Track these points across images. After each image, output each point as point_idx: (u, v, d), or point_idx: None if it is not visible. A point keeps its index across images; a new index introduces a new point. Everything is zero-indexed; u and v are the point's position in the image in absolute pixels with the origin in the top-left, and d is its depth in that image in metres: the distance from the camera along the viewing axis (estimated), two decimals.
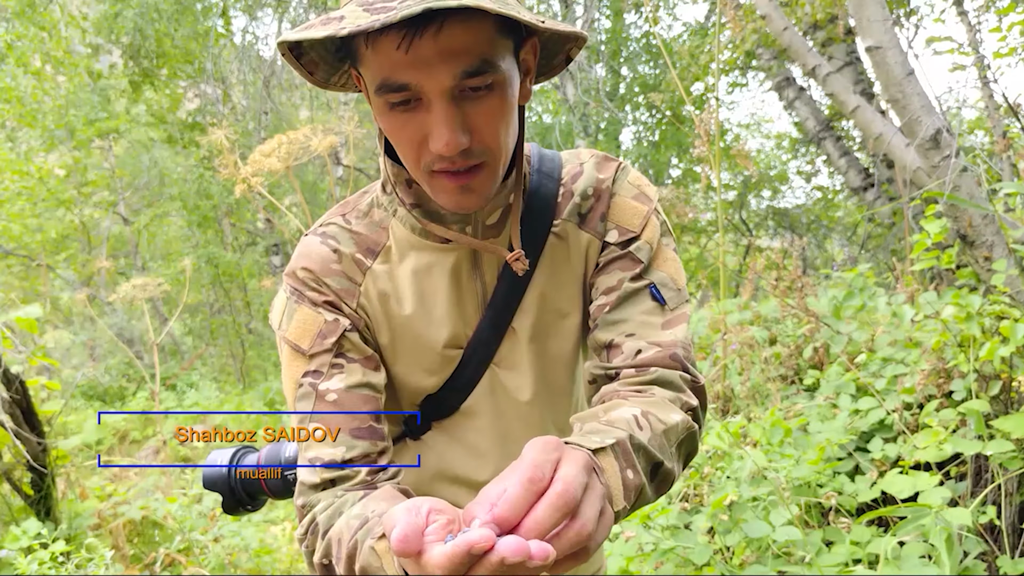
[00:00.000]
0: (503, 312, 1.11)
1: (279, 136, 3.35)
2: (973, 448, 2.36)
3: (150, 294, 4.22)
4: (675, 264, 1.13)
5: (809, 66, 3.02)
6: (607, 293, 1.10)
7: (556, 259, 1.12)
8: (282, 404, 8.78)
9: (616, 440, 0.84)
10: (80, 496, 3.64)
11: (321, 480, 1.01)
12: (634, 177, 1.15)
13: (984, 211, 2.42)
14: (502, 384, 1.14)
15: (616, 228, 1.11)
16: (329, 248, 1.09)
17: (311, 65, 0.98)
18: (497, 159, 0.96)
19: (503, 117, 0.94)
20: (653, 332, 1.07)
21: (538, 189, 1.12)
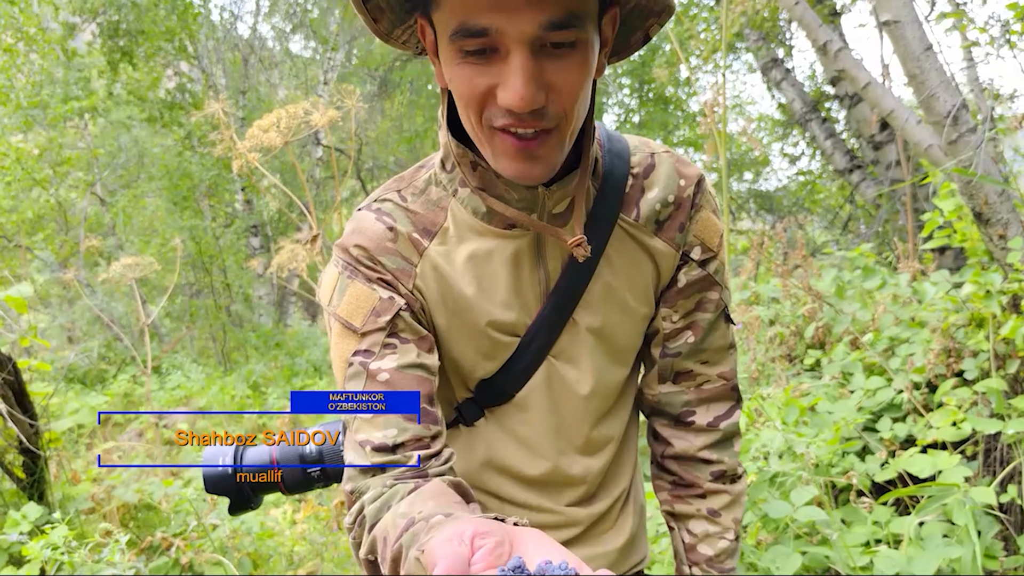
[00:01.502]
0: (565, 302, 1.05)
1: (277, 111, 3.26)
2: (992, 427, 2.34)
3: (140, 273, 4.12)
4: (727, 274, 1.16)
5: (820, 41, 2.98)
6: (686, 316, 1.12)
7: (625, 256, 1.07)
8: (265, 387, 8.70)
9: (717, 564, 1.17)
10: (72, 479, 3.56)
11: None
12: (712, 189, 1.10)
13: (1004, 187, 2.39)
14: (560, 376, 1.09)
15: (700, 245, 1.09)
16: (384, 225, 1.03)
17: (376, 11, 0.91)
18: (567, 127, 0.89)
19: (582, 79, 0.87)
20: (722, 357, 1.16)
21: (611, 172, 1.05)
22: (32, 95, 9.50)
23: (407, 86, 12.96)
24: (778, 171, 16.37)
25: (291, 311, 14.12)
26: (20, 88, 9.64)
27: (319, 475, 1.23)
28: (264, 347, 10.58)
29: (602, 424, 1.16)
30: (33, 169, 9.92)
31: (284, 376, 8.78)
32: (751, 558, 2.29)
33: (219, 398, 7.47)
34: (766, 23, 6.63)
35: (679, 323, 1.12)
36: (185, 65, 12.11)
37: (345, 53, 14.23)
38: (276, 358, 9.83)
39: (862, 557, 2.14)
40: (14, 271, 9.32)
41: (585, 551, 1.17)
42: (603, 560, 1.19)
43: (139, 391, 8.06)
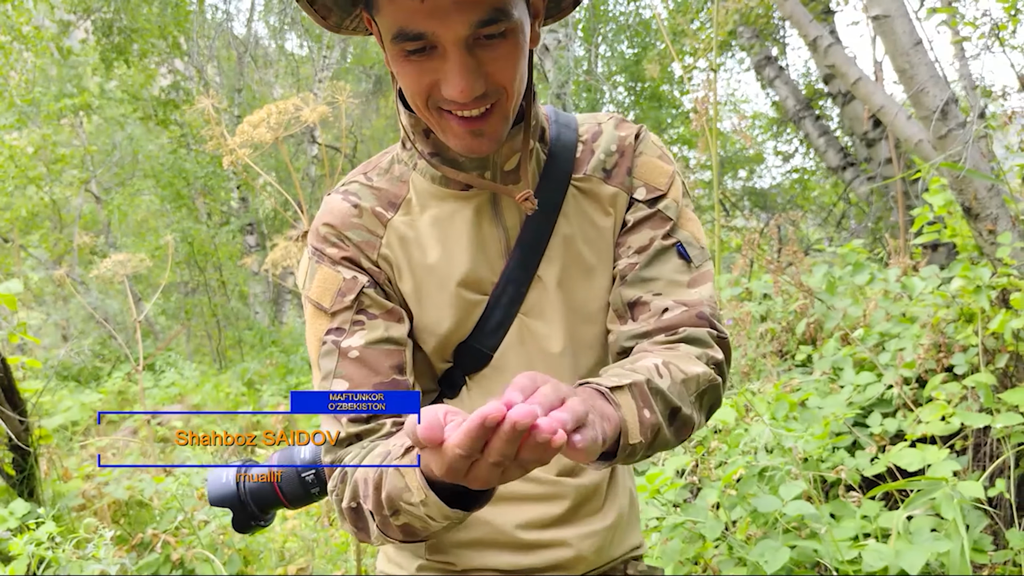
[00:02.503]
0: (528, 257, 1.11)
1: (267, 106, 3.25)
2: (981, 421, 2.35)
3: (131, 270, 4.10)
4: (697, 223, 1.15)
5: (811, 37, 2.98)
6: (639, 252, 1.11)
7: (581, 210, 1.13)
8: (260, 384, 8.69)
9: (633, 381, 0.90)
10: (63, 476, 3.55)
11: (347, 435, 1.04)
12: (655, 139, 1.17)
13: (993, 181, 2.39)
14: (532, 333, 1.12)
15: (644, 186, 1.14)
16: (350, 204, 1.12)
17: (324, 10, 0.99)
18: (508, 101, 0.98)
19: (515, 62, 0.96)
20: (680, 290, 1.09)
21: (558, 137, 1.14)
22: (25, 93, 9.47)
23: None
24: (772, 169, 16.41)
25: (286, 308, 14.11)
26: (14, 86, 9.62)
27: (313, 479, 1.23)
28: (259, 344, 10.57)
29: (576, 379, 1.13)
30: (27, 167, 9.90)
31: (279, 373, 8.77)
32: (740, 552, 2.30)
33: (213, 396, 7.46)
34: (760, 20, 6.63)
35: (632, 258, 1.12)
36: (180, 63, 12.09)
37: (340, 51, 14.21)
38: (271, 355, 9.82)
39: (850, 551, 2.14)
40: (8, 269, 9.31)
41: (574, 529, 1.16)
42: (594, 539, 1.17)
43: (133, 389, 8.05)
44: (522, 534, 1.15)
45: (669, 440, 0.97)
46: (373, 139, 15.62)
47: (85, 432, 6.37)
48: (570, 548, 1.16)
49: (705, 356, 1.05)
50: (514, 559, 1.16)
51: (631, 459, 0.93)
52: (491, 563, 1.16)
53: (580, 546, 1.16)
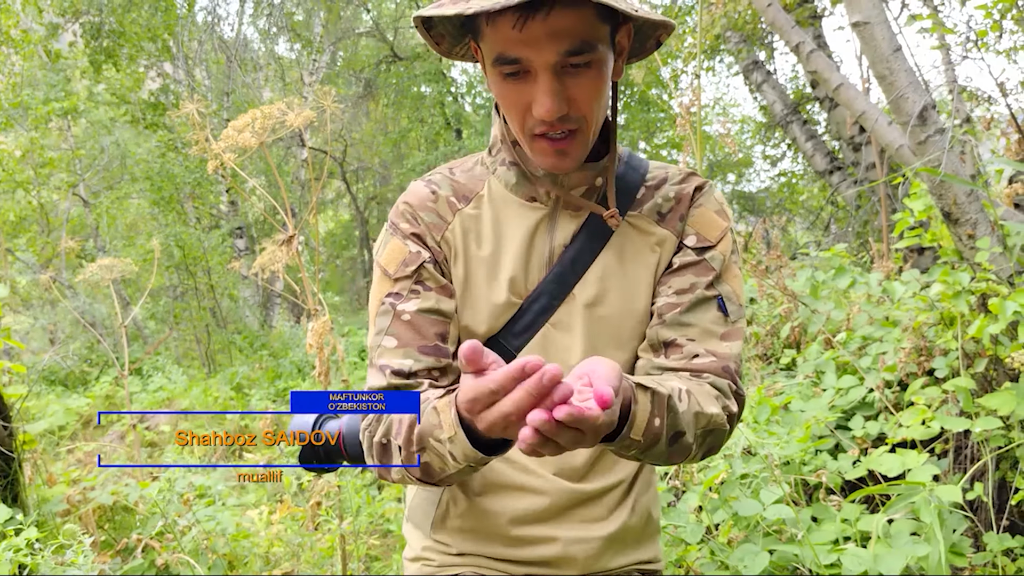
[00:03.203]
0: (566, 274, 1.20)
1: (252, 111, 3.24)
2: (960, 425, 2.37)
3: (117, 275, 4.10)
4: (740, 282, 1.24)
5: (793, 43, 3.00)
6: (679, 294, 1.20)
7: (627, 244, 1.22)
8: (248, 389, 8.67)
9: (657, 390, 0.98)
10: (48, 482, 3.54)
11: (388, 384, 1.17)
12: (719, 196, 1.26)
13: (971, 187, 2.41)
14: (555, 344, 1.21)
15: (696, 235, 1.22)
16: (429, 190, 1.26)
17: (438, 37, 1.16)
18: (589, 127, 1.11)
19: (597, 91, 1.08)
20: (713, 341, 1.18)
21: (623, 175, 1.25)
22: (13, 96, 9.44)
23: (392, 88, 12.94)
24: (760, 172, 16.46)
25: (276, 312, 14.09)
26: (1, 89, 9.58)
27: None
28: (249, 349, 10.54)
29: None
30: (15, 170, 9.87)
31: (268, 377, 8.75)
32: (721, 556, 2.31)
33: (202, 400, 7.44)
34: (747, 25, 6.66)
35: (672, 298, 1.20)
36: (169, 66, 12.06)
37: (330, 55, 14.21)
38: (261, 359, 9.79)
39: (829, 555, 2.15)
40: None
41: (567, 530, 1.23)
42: (588, 545, 1.24)
43: (121, 393, 8.02)
44: (513, 529, 1.23)
45: (662, 456, 1.04)
46: (362, 143, 15.62)
47: (72, 437, 6.34)
48: (557, 545, 1.23)
49: (722, 403, 1.12)
50: (504, 550, 1.25)
51: (624, 451, 0.99)
52: (483, 551, 1.26)
53: (570, 548, 1.23)
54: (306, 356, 9.31)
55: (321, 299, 3.61)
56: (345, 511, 3.24)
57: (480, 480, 1.26)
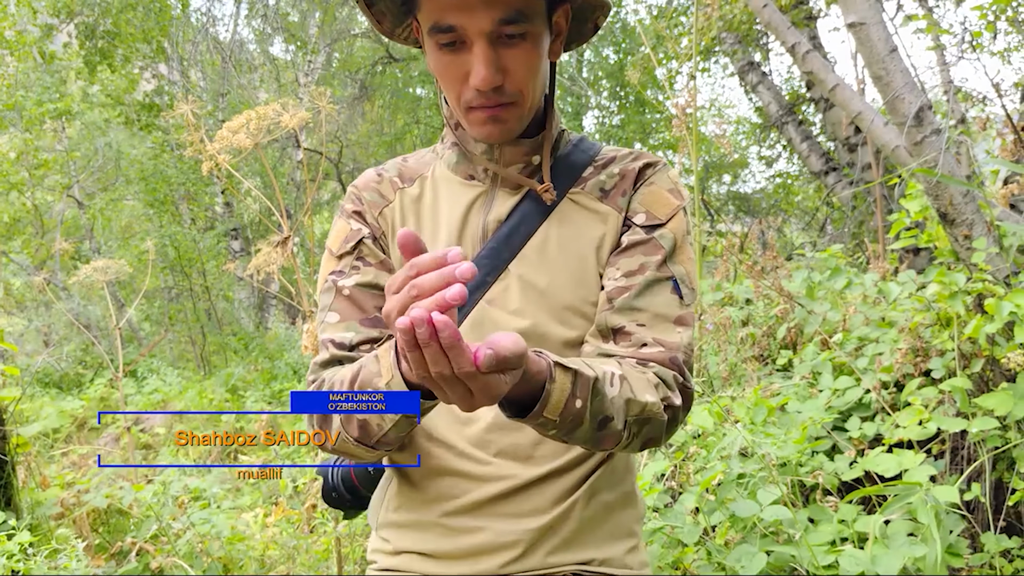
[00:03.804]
0: (501, 250, 1.18)
1: (247, 112, 3.23)
2: (957, 426, 2.36)
3: (111, 276, 4.08)
4: (694, 265, 1.21)
5: (789, 43, 3.00)
6: (628, 276, 1.16)
7: (568, 220, 1.20)
8: (243, 390, 8.65)
9: (579, 370, 0.96)
10: (41, 485, 3.52)
11: (331, 357, 1.18)
12: (673, 175, 1.24)
13: (967, 187, 2.41)
14: (492, 321, 1.17)
15: (645, 212, 1.19)
16: (376, 172, 1.30)
17: (379, 15, 1.17)
18: (525, 101, 1.12)
19: (532, 64, 1.10)
20: (663, 327, 1.14)
21: (568, 155, 1.25)
22: (8, 97, 9.41)
23: (387, 89, 12.93)
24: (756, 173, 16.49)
25: (272, 314, 14.06)
26: None
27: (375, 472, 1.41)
28: (244, 350, 10.52)
29: None
30: (9, 172, 9.84)
31: (263, 379, 8.74)
32: (718, 558, 2.30)
33: (197, 402, 7.42)
34: (742, 26, 6.67)
35: (620, 281, 1.16)
36: (164, 68, 12.03)
37: (326, 56, 14.19)
38: (256, 361, 9.78)
39: (827, 556, 2.15)
40: None
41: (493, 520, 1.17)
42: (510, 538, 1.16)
43: (116, 395, 7.99)
44: (446, 519, 1.19)
45: (589, 440, 1.02)
46: (358, 144, 15.60)
47: (66, 439, 6.32)
48: (483, 535, 1.17)
49: (663, 393, 1.09)
50: (436, 543, 1.20)
51: (543, 430, 0.98)
52: (417, 546, 1.21)
53: (498, 539, 1.16)
54: (301, 358, 9.30)
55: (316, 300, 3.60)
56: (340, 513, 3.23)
57: (420, 468, 1.22)
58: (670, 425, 1.11)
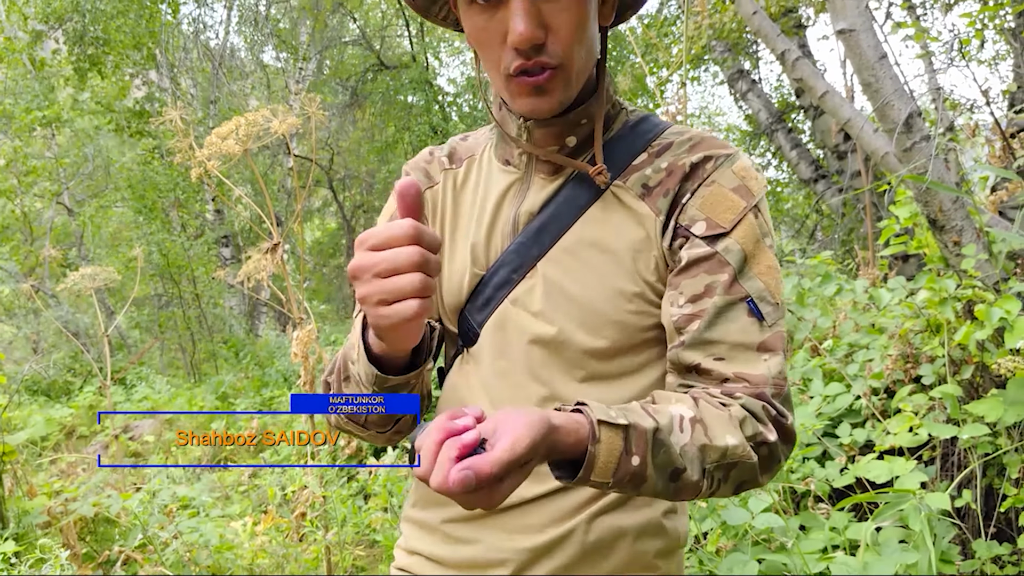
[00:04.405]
0: (529, 247, 1.07)
1: (236, 118, 3.23)
2: (948, 432, 2.36)
3: (100, 283, 4.06)
4: (774, 274, 1.01)
5: (778, 51, 3.01)
6: (694, 301, 0.99)
7: (608, 217, 1.05)
8: (233, 398, 8.60)
9: (632, 424, 0.85)
10: (28, 493, 3.49)
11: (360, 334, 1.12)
12: (740, 167, 1.03)
13: (957, 194, 2.42)
14: (515, 323, 1.07)
15: (705, 220, 1.00)
16: (428, 151, 1.22)
17: None
18: (570, 67, 0.98)
19: (578, 23, 0.96)
20: (745, 358, 0.98)
21: (619, 141, 1.09)
22: None
23: (378, 96, 12.92)
24: None
25: (262, 321, 14.02)
26: None
27: None
28: (234, 358, 10.49)
29: (556, 384, 1.05)
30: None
31: (253, 386, 8.70)
32: (710, 566, 2.29)
33: (187, 409, 7.38)
34: (732, 34, 6.69)
35: (686, 308, 0.99)
36: (155, 74, 12.01)
37: (317, 63, 14.18)
38: (246, 368, 9.74)
39: (819, 564, 2.14)
40: None
41: (488, 534, 1.08)
42: (502, 552, 1.07)
43: (105, 403, 7.95)
44: (446, 527, 1.14)
45: (660, 493, 0.91)
46: (349, 151, 15.58)
47: (54, 447, 6.27)
48: (479, 548, 1.09)
49: (751, 430, 0.94)
50: (440, 549, 1.15)
51: (599, 490, 0.90)
52: (425, 548, 1.17)
53: (491, 554, 1.08)
54: (292, 365, 9.26)
55: (307, 308, 3.58)
56: (330, 522, 3.21)
57: None
58: (766, 464, 0.97)
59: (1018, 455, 2.41)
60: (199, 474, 5.24)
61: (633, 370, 1.06)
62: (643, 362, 1.06)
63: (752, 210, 1.00)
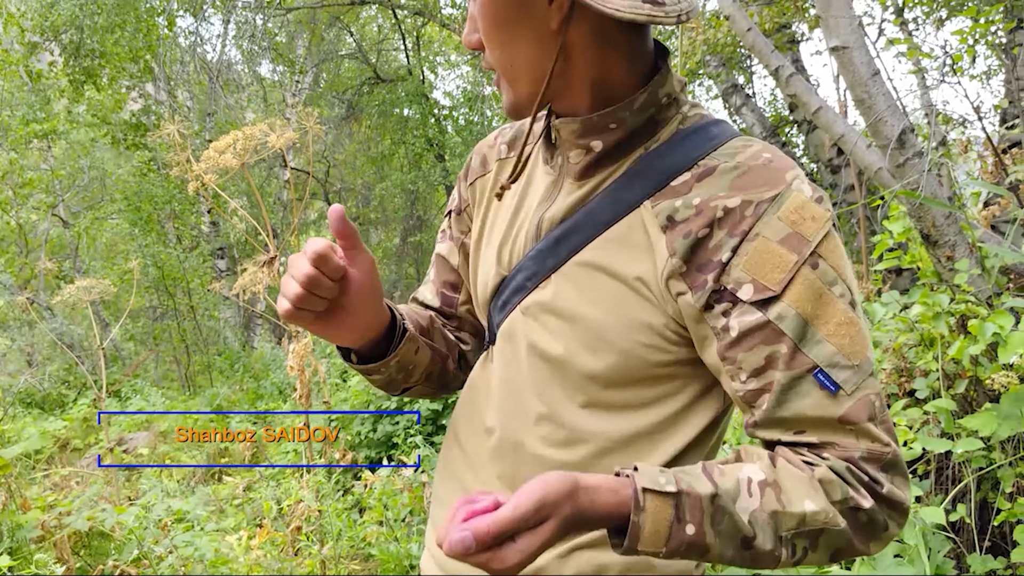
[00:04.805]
0: (547, 256, 1.00)
1: (234, 132, 3.24)
2: (942, 447, 2.37)
3: (95, 296, 4.06)
4: (848, 328, 0.87)
5: (772, 67, 3.03)
6: (757, 376, 0.88)
7: (626, 239, 0.95)
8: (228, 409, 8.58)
9: (685, 490, 0.81)
10: (22, 507, 3.48)
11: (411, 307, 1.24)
12: (790, 209, 0.87)
13: (950, 209, 2.44)
14: (523, 335, 1.02)
15: (752, 282, 0.86)
16: (495, 134, 1.19)
17: None
18: (503, 73, 0.96)
19: (493, 24, 0.93)
20: (827, 433, 0.87)
21: (662, 153, 0.95)
22: None
23: (374, 109, 12.97)
24: None
25: (258, 333, 14.00)
26: None
27: None
28: (229, 370, 10.47)
29: (559, 412, 1.00)
30: None
31: (248, 399, 8.68)
32: None
33: (181, 422, 7.36)
34: (726, 49, 6.73)
35: (750, 383, 0.88)
36: (151, 87, 12.04)
37: (313, 76, 14.23)
38: (242, 380, 9.72)
39: None
40: None
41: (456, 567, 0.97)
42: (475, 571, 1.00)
43: None
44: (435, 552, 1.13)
45: (735, 562, 0.84)
46: (345, 163, 15.62)
47: (48, 460, 6.25)
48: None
49: (840, 495, 0.85)
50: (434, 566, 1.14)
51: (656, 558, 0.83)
52: (432, 546, 1.15)
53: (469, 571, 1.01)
54: (287, 377, 9.25)
55: None
56: (326, 536, 3.21)
57: (442, 461, 1.18)
58: (865, 532, 0.87)
59: (1012, 469, 2.42)
60: (194, 487, 5.23)
61: (638, 405, 0.98)
62: (651, 398, 0.97)
63: (807, 262, 0.86)
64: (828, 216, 0.88)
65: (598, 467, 0.97)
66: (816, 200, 0.88)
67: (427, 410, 4.84)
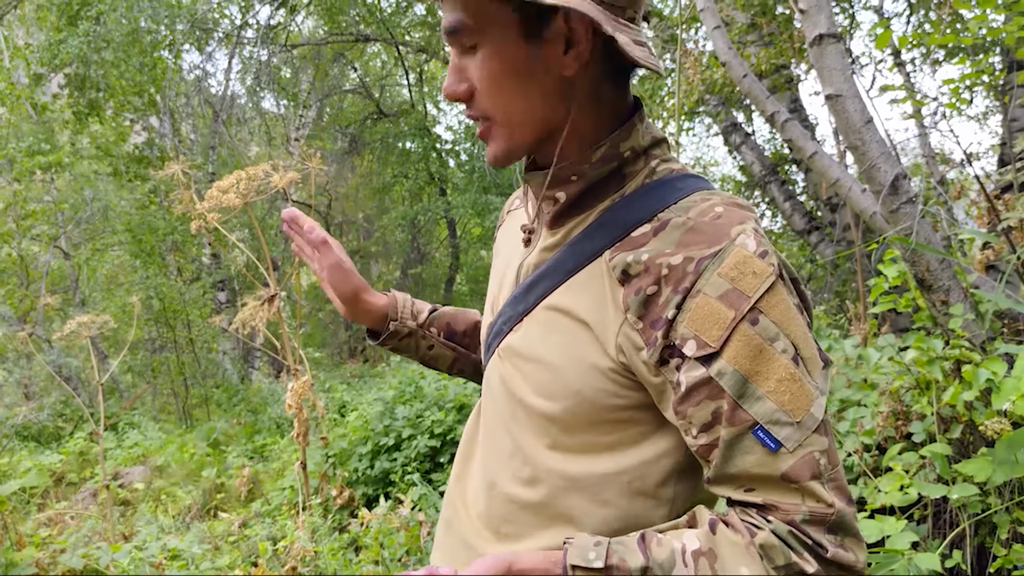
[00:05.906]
0: (519, 302, 1.04)
1: (237, 172, 3.28)
2: (938, 492, 2.37)
3: (95, 331, 4.07)
4: (790, 385, 0.86)
5: (768, 112, 3.07)
6: (706, 431, 0.88)
7: (587, 287, 0.97)
8: (226, 445, 8.54)
9: (614, 564, 0.84)
10: (17, 544, 3.47)
11: None
12: (731, 263, 0.87)
13: (942, 255, 2.46)
14: (499, 373, 1.06)
15: (694, 338, 0.86)
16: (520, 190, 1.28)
17: None
18: (502, 122, 0.97)
19: (491, 76, 0.94)
20: (771, 490, 0.87)
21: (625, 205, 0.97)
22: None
23: (377, 143, 13.07)
24: None
25: (256, 366, 13.97)
26: None
27: None
28: (227, 403, 10.44)
29: (528, 451, 1.02)
30: None
31: (246, 433, 8.65)
32: None
33: (177, 457, 7.33)
34: (725, 89, 6.81)
35: (700, 438, 0.89)
36: (155, 120, 12.14)
37: (317, 111, 14.36)
38: (239, 414, 9.69)
39: None
40: None
41: None
42: None
43: (95, 449, 7.89)
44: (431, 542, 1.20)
45: None
46: (347, 197, 15.70)
47: (43, 494, 6.22)
48: None
49: (781, 560, 0.84)
50: None
51: None
52: None
53: None
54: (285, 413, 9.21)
55: (302, 356, 3.60)
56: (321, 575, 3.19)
57: (445, 496, 1.21)
58: None
59: (1008, 515, 2.42)
60: (189, 523, 5.20)
61: (598, 449, 0.97)
62: (611, 443, 0.97)
63: (746, 318, 0.85)
64: (771, 271, 0.87)
65: (560, 506, 0.99)
66: (759, 255, 0.87)
67: (425, 447, 4.84)
